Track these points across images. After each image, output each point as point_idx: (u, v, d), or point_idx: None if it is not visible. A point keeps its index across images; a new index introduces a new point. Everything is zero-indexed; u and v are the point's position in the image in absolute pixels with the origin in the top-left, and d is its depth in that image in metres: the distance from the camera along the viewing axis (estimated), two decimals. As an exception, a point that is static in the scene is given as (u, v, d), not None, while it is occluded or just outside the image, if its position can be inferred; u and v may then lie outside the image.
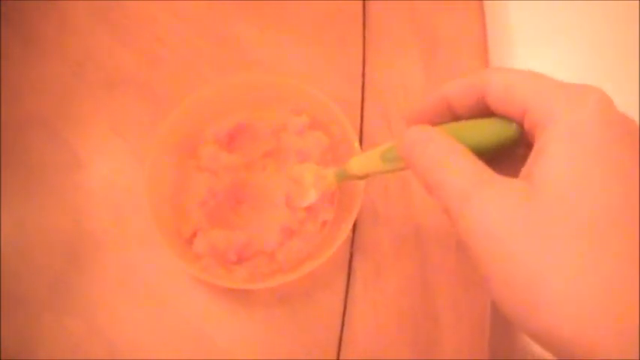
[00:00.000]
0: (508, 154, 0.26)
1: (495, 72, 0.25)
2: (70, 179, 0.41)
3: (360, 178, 0.33)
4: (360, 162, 0.32)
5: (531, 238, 0.20)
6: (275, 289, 0.39)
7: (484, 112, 0.26)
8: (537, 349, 0.38)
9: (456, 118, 0.27)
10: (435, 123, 0.27)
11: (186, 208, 0.38)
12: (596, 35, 0.42)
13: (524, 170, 0.22)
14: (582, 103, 0.22)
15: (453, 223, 0.23)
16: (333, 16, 0.47)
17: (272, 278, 0.37)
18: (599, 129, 0.21)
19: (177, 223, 0.38)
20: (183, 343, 0.38)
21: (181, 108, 0.38)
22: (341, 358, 0.37)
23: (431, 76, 0.45)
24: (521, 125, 0.24)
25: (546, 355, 0.37)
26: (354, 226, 0.40)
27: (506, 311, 0.21)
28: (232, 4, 0.47)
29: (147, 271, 0.39)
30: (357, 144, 0.37)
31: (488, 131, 0.25)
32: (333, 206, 0.39)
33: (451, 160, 0.23)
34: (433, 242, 0.40)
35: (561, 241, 0.20)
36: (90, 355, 0.37)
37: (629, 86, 0.40)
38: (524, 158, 0.23)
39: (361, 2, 0.47)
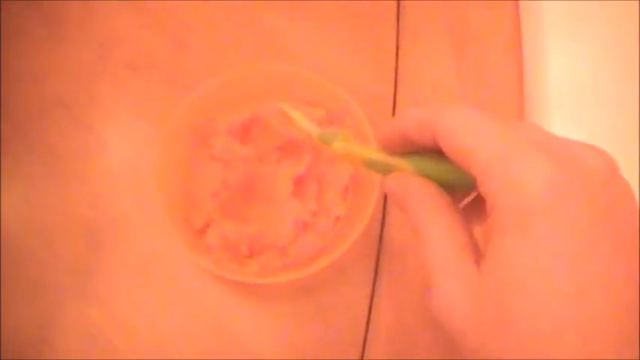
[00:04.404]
0: None
1: (446, 113, 0.21)
2: (93, 163, 0.41)
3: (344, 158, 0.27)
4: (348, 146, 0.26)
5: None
6: (300, 286, 0.38)
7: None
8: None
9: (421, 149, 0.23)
10: (403, 151, 0.24)
11: (198, 198, 0.38)
12: (631, 32, 0.41)
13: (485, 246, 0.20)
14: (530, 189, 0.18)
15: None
16: (365, 10, 0.45)
17: (284, 273, 0.36)
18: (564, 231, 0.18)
19: (188, 212, 0.37)
20: (203, 333, 0.38)
21: (194, 96, 0.38)
22: (365, 357, 0.37)
23: (463, 72, 0.44)
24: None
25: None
26: (382, 224, 0.39)
27: None
28: (262, -9, 0.46)
29: (167, 258, 0.39)
30: (372, 137, 0.36)
31: (448, 173, 0.23)
32: (346, 202, 0.38)
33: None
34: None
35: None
36: (109, 342, 0.37)
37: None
38: None
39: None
